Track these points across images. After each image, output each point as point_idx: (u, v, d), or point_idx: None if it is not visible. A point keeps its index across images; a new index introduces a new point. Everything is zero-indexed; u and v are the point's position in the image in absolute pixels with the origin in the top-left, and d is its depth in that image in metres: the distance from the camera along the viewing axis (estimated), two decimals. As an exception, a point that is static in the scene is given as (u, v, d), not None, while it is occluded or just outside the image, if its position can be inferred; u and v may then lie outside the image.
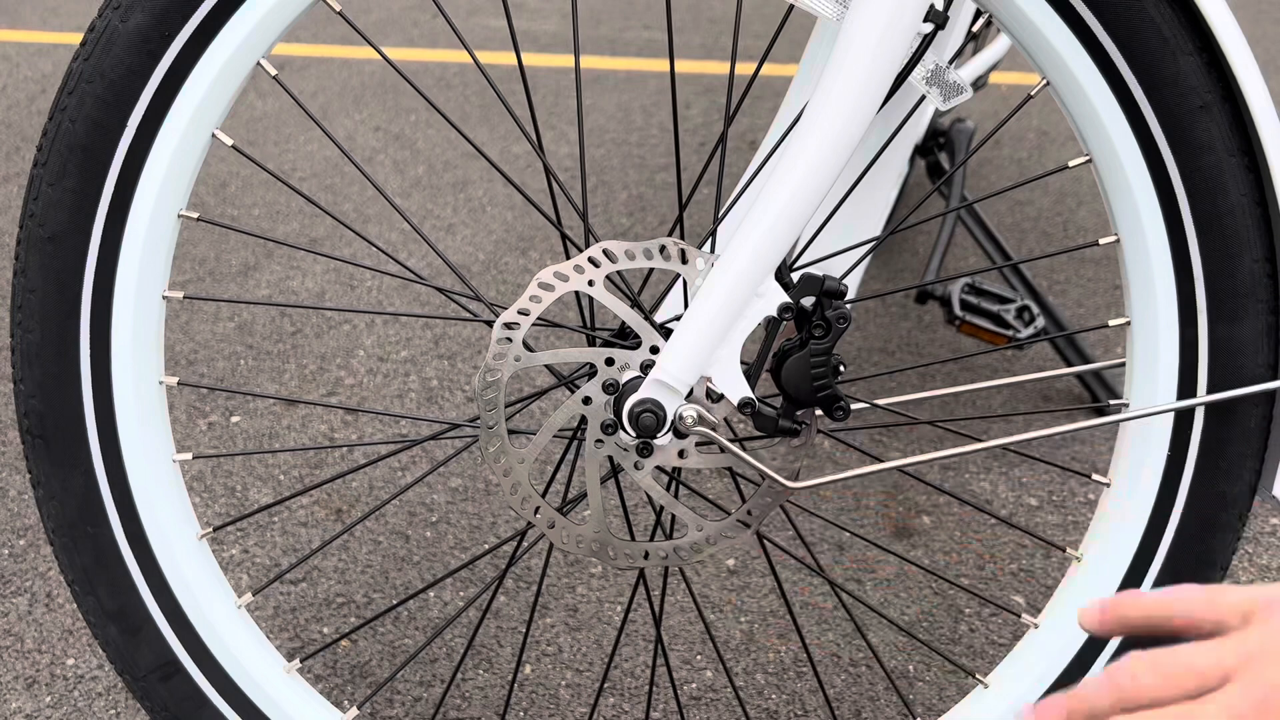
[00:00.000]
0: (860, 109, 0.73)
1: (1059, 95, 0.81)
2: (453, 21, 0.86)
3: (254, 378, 1.79)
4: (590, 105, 2.98)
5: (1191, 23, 0.77)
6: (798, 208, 0.74)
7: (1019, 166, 2.61)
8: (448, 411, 1.71)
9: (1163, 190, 0.81)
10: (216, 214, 2.36)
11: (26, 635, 1.29)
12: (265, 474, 1.56)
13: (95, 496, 0.88)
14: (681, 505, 0.82)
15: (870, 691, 1.24)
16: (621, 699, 1.23)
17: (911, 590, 1.38)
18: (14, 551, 1.42)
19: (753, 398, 0.77)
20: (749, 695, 1.23)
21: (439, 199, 2.41)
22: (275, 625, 1.31)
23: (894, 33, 0.72)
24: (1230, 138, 0.78)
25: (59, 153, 0.81)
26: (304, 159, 2.62)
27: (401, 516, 1.49)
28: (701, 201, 2.31)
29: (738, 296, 0.75)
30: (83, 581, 0.90)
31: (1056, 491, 1.54)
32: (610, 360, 0.78)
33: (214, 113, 0.83)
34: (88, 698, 1.21)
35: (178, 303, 1.87)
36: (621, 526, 1.45)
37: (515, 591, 1.37)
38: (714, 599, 1.36)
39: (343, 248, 2.20)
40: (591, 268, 0.78)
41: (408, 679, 1.25)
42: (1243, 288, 0.81)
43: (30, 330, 0.85)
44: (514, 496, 0.81)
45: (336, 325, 1.94)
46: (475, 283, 2.08)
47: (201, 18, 0.80)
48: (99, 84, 0.80)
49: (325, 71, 3.22)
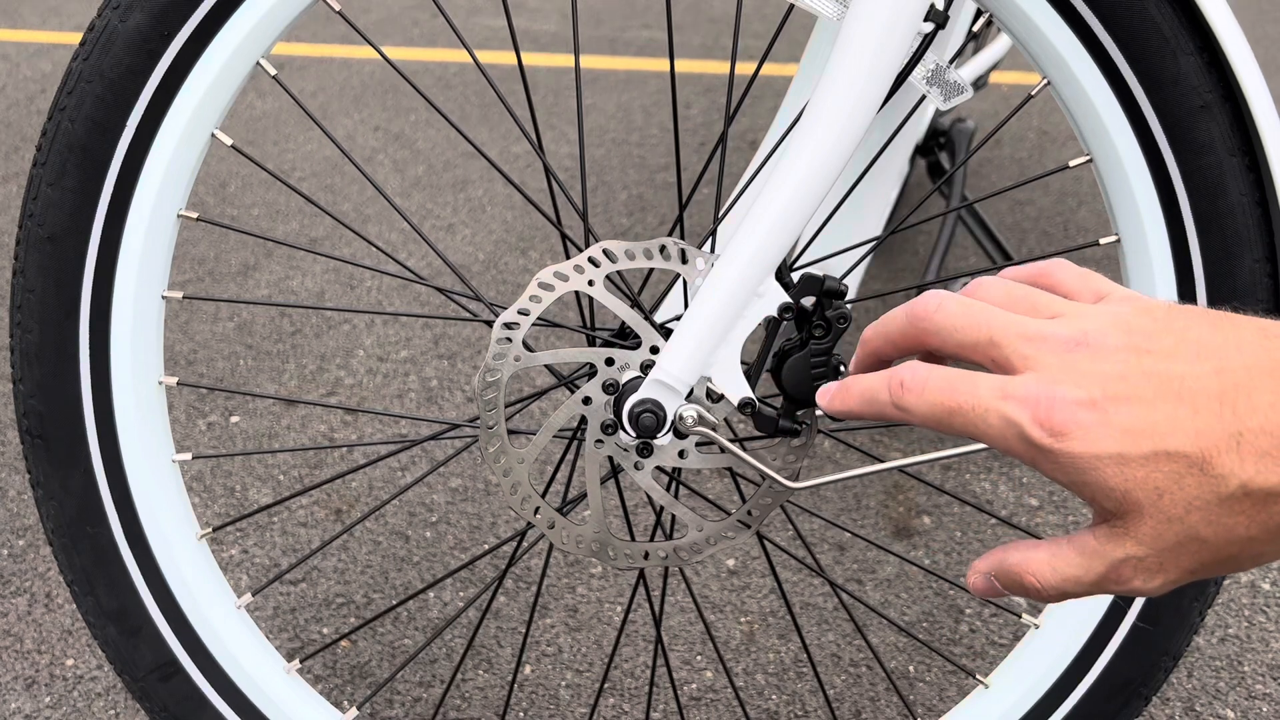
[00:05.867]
0: (860, 109, 0.73)
1: (1059, 95, 0.81)
2: (453, 21, 0.86)
3: (253, 378, 1.79)
4: (590, 105, 2.98)
5: (1192, 22, 0.77)
6: (798, 207, 0.74)
7: (1019, 166, 2.61)
8: (447, 411, 1.71)
9: (1163, 190, 0.81)
10: (216, 214, 2.36)
11: (26, 635, 1.29)
12: (265, 474, 1.56)
13: (94, 497, 0.88)
14: (681, 505, 0.81)
15: (870, 692, 1.24)
16: (621, 699, 1.23)
17: (912, 590, 1.38)
18: (13, 552, 1.42)
19: (753, 398, 0.77)
20: (749, 695, 1.23)
21: (439, 199, 2.41)
22: (275, 625, 1.31)
23: (894, 32, 0.72)
24: (1231, 138, 0.78)
25: (58, 152, 0.81)
26: (304, 159, 2.62)
27: (401, 517, 1.49)
28: (701, 201, 2.31)
29: (738, 296, 0.75)
30: (82, 582, 0.90)
31: (1057, 492, 1.54)
32: (610, 360, 0.78)
33: (214, 112, 0.83)
34: (87, 698, 1.21)
35: (177, 303, 1.87)
36: (621, 527, 1.44)
37: (515, 592, 1.37)
38: (714, 599, 1.36)
39: (342, 248, 2.20)
40: (591, 268, 0.78)
41: (408, 679, 1.25)
42: (1243, 288, 0.81)
43: (29, 330, 0.84)
44: (514, 497, 0.81)
45: (336, 325, 1.94)
46: (475, 283, 2.08)
47: (201, 17, 0.80)
48: (98, 84, 0.80)
49: (325, 71, 3.22)
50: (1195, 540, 0.48)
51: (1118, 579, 0.50)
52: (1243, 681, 1.25)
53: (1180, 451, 0.47)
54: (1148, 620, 0.89)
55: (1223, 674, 1.26)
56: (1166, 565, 0.49)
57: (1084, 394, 0.48)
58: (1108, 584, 0.51)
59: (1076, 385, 0.49)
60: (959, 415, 0.51)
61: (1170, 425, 0.47)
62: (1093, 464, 0.48)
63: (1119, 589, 0.51)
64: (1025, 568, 0.52)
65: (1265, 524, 0.47)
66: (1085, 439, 0.48)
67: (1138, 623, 0.89)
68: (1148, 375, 0.48)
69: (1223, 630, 1.32)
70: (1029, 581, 0.52)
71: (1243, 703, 1.22)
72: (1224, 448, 0.47)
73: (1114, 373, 0.49)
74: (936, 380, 0.52)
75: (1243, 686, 1.24)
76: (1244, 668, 1.27)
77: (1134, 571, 0.50)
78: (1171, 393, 0.48)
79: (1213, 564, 0.49)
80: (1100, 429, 0.48)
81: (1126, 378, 0.48)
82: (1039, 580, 0.52)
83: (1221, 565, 0.49)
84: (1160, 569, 0.49)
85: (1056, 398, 0.48)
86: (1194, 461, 0.47)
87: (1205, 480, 0.47)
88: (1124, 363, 0.49)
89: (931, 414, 0.52)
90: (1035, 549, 0.52)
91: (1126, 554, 0.49)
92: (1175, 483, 0.47)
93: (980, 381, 0.51)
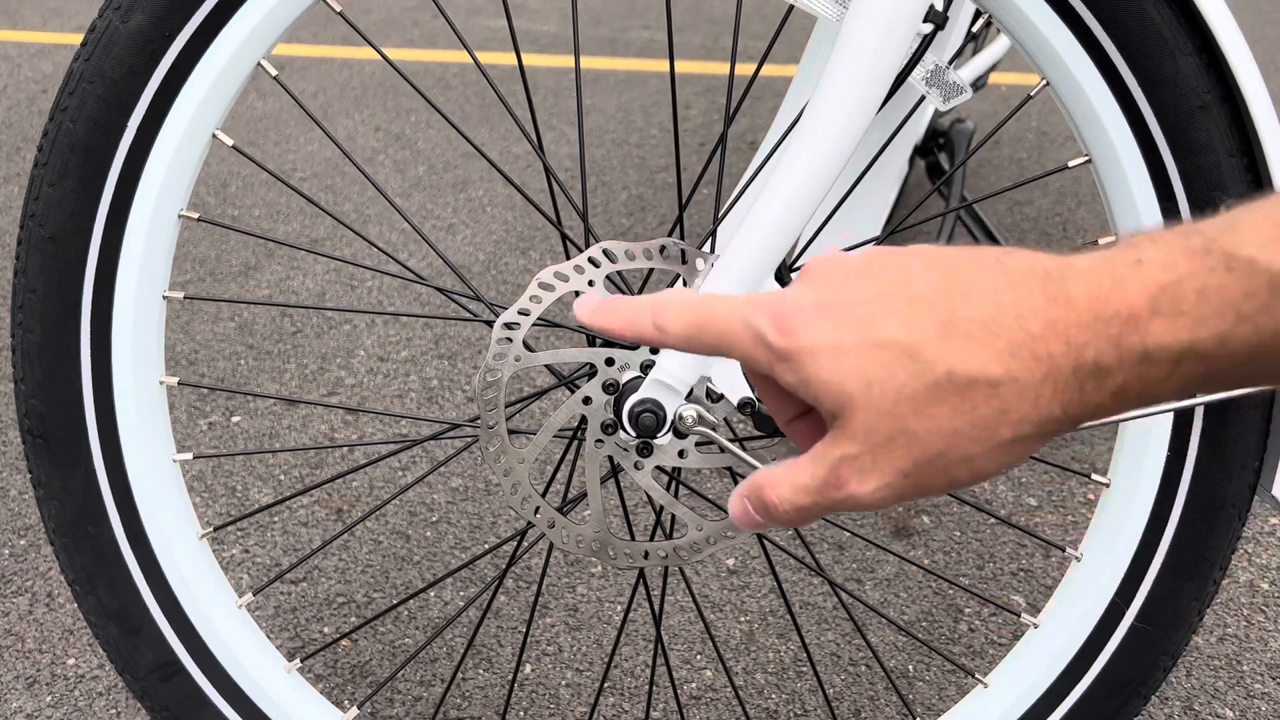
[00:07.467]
0: (860, 109, 0.73)
1: (1058, 95, 0.81)
2: (453, 22, 0.86)
3: (254, 378, 1.79)
4: (590, 105, 2.98)
5: (1191, 23, 0.77)
6: (798, 208, 0.74)
7: (1019, 166, 2.61)
8: (448, 411, 1.71)
9: (1162, 191, 0.81)
10: (217, 214, 2.36)
11: (27, 635, 1.29)
12: (265, 474, 1.56)
13: (96, 496, 0.88)
14: (681, 505, 0.82)
15: (870, 691, 1.24)
16: (621, 699, 1.23)
17: (911, 590, 1.38)
18: (14, 551, 1.42)
19: (753, 398, 0.77)
20: (749, 695, 1.23)
21: (439, 199, 2.41)
22: (275, 625, 1.31)
23: (894, 33, 0.72)
24: (1229, 138, 0.78)
25: (60, 153, 0.82)
26: (304, 159, 2.62)
27: (402, 516, 1.49)
28: (701, 201, 2.31)
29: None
30: (83, 581, 0.90)
31: (1056, 491, 1.54)
32: (610, 360, 0.78)
33: (215, 113, 0.83)
34: (88, 697, 1.21)
35: (178, 303, 1.87)
36: (621, 526, 1.45)
37: (515, 591, 1.37)
38: (714, 599, 1.36)
39: (343, 248, 2.21)
40: (591, 268, 0.78)
41: (408, 679, 1.25)
42: (1242, 288, 0.81)
43: (31, 330, 0.85)
44: (514, 496, 0.81)
45: (337, 325, 1.94)
46: (475, 283, 2.08)
47: (202, 18, 0.80)
48: (100, 84, 0.80)
49: (325, 72, 3.22)
50: (905, 434, 0.49)
51: (837, 482, 0.50)
52: (1241, 681, 1.25)
53: (891, 339, 0.48)
54: (1146, 620, 0.89)
55: (1221, 673, 1.26)
56: (880, 463, 0.50)
57: (815, 297, 0.50)
58: (829, 490, 0.51)
59: (811, 291, 0.51)
60: (709, 328, 0.53)
61: (885, 316, 0.49)
62: (813, 356, 0.49)
63: (839, 495, 0.51)
64: (766, 482, 0.53)
65: (970, 415, 0.48)
66: (808, 333, 0.50)
67: (1136, 622, 0.89)
68: (879, 280, 0.50)
69: (1221, 629, 1.32)
70: (767, 496, 0.53)
71: (1241, 702, 1.22)
72: (934, 334, 0.48)
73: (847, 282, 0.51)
74: (691, 297, 0.54)
75: (1241, 686, 1.25)
76: (1243, 667, 1.27)
77: (850, 471, 0.50)
78: (894, 292, 0.49)
79: (925, 464, 0.49)
80: (821, 322, 0.50)
81: (857, 284, 0.50)
82: (775, 494, 0.53)
83: (934, 466, 0.50)
84: (874, 467, 0.50)
85: (789, 302, 0.51)
86: (904, 349, 0.48)
87: (913, 367, 0.48)
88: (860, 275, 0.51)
89: (685, 331, 0.54)
90: (779, 466, 0.53)
91: (843, 452, 0.50)
92: (886, 371, 0.48)
93: (730, 297, 0.53)
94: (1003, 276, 0.48)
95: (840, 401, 0.49)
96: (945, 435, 0.48)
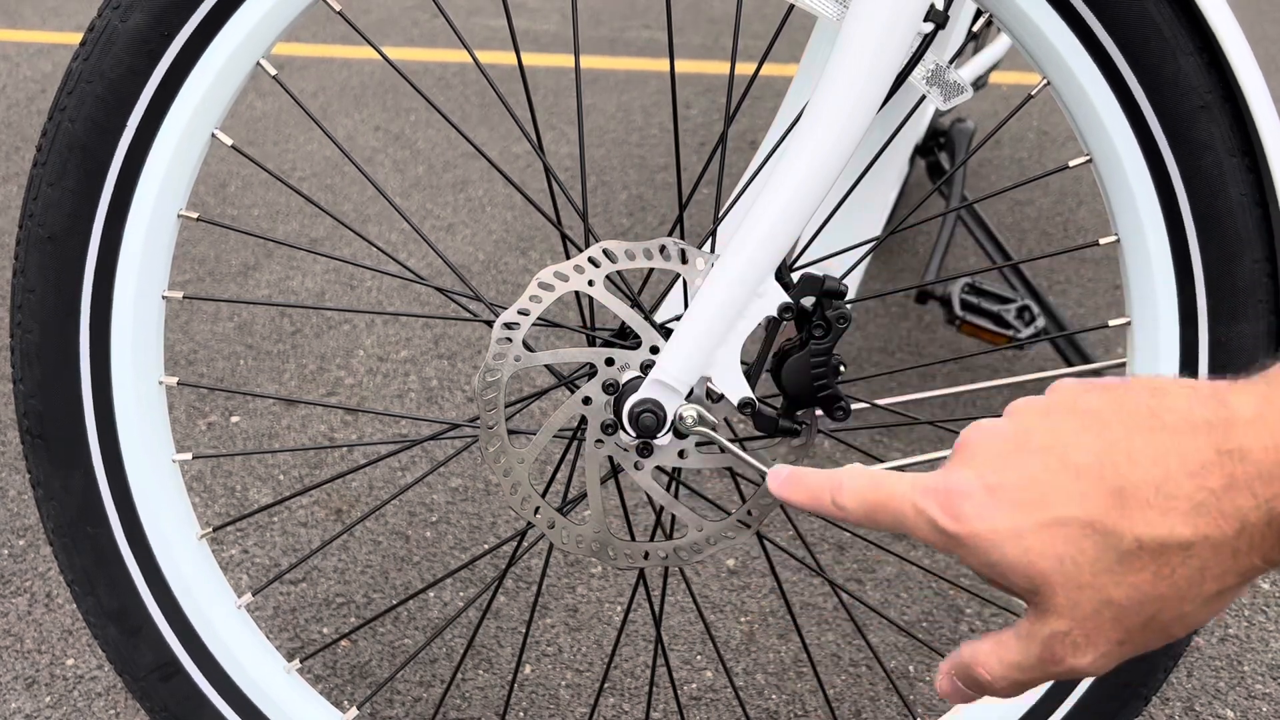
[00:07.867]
0: (860, 109, 0.73)
1: (1059, 95, 0.81)
2: (453, 21, 0.86)
3: (254, 378, 1.79)
4: (590, 105, 2.98)
5: (1192, 23, 0.77)
6: (798, 207, 0.74)
7: (1019, 166, 2.61)
8: (448, 411, 1.71)
9: (1163, 190, 0.81)
10: (216, 214, 2.36)
11: (26, 635, 1.29)
12: (265, 474, 1.56)
13: (95, 496, 0.88)
14: (681, 505, 0.82)
15: (870, 691, 1.24)
16: (621, 699, 1.23)
17: (911, 590, 1.38)
18: (14, 551, 1.42)
19: (753, 398, 0.77)
20: (749, 695, 1.23)
21: (439, 199, 2.41)
22: (275, 625, 1.31)
23: (894, 33, 0.72)
24: (1230, 138, 0.78)
25: (59, 152, 0.81)
26: (304, 159, 2.62)
27: (401, 516, 1.49)
28: (701, 201, 2.31)
29: (738, 296, 0.75)
30: (82, 582, 0.90)
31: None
32: (610, 360, 0.78)
33: (214, 113, 0.83)
34: (87, 698, 1.21)
35: (177, 303, 1.87)
36: (621, 526, 1.44)
37: (515, 591, 1.37)
38: (714, 599, 1.36)
39: (343, 248, 2.20)
40: (591, 268, 0.78)
41: (408, 679, 1.25)
42: (1243, 288, 0.81)
43: (30, 330, 0.84)
44: (514, 496, 0.81)
45: (336, 325, 1.94)
46: (475, 283, 2.08)
47: (201, 17, 0.80)
48: (99, 84, 0.80)
49: (325, 71, 3.22)
50: (1110, 605, 0.49)
51: (1053, 658, 0.51)
52: (1242, 681, 1.25)
53: (1070, 516, 0.49)
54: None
55: (1222, 674, 1.26)
56: (1093, 636, 0.50)
57: (978, 478, 0.51)
58: (1047, 665, 0.51)
59: (974, 473, 0.51)
60: (883, 510, 0.54)
61: (1056, 493, 0.49)
62: (993, 541, 0.50)
63: (1059, 669, 0.51)
64: (974, 660, 0.54)
65: (1170, 579, 0.48)
66: (981, 518, 0.50)
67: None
68: (1039, 455, 0.50)
69: (1222, 630, 1.32)
70: (980, 674, 0.53)
71: (1242, 702, 1.22)
72: (1109, 505, 0.48)
73: (1005, 459, 0.51)
74: (866, 479, 0.56)
75: (1242, 686, 1.24)
76: (1244, 667, 1.27)
77: (1065, 648, 0.51)
78: (1056, 464, 0.50)
79: (1138, 630, 0.50)
80: (993, 507, 0.50)
81: (1017, 460, 0.51)
82: (988, 671, 0.53)
83: (1148, 630, 0.50)
84: (1088, 641, 0.50)
85: (954, 485, 0.51)
86: (1084, 525, 0.48)
87: (1101, 540, 0.48)
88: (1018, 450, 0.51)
89: (861, 510, 0.55)
90: (982, 642, 0.54)
91: (1052, 629, 0.50)
92: (1075, 547, 0.49)
93: (901, 478, 0.54)
94: (1163, 434, 0.48)
95: (1035, 581, 0.50)
96: (1153, 600, 0.49)
